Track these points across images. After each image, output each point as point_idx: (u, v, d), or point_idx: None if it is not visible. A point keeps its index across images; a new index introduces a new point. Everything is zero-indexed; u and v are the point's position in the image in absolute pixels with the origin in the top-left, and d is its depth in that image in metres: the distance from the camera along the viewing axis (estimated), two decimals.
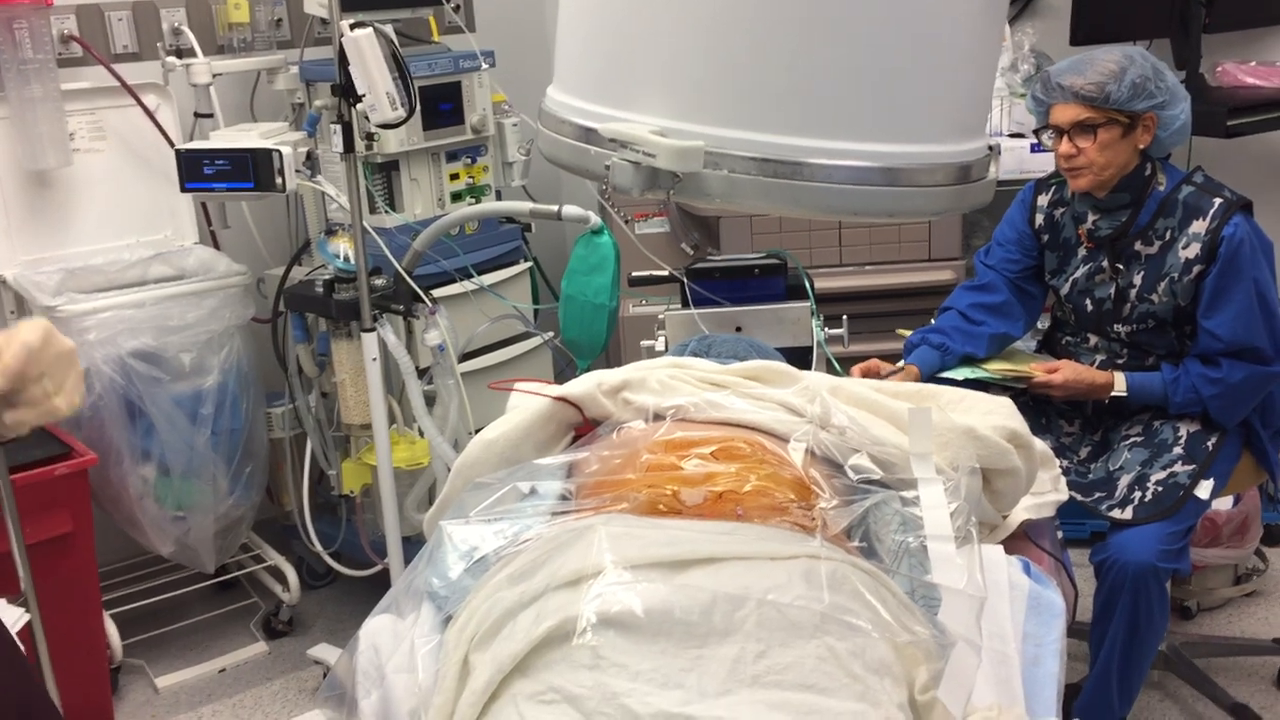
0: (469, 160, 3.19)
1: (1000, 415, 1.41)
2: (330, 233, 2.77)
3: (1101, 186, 2.36)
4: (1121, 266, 2.42)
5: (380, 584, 2.78)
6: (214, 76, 2.91)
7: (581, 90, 0.88)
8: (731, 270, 2.35)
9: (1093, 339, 2.55)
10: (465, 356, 2.95)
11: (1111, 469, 2.40)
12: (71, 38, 2.87)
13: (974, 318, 2.59)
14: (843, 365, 2.35)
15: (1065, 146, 2.32)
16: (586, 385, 1.45)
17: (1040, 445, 1.52)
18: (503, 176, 3.31)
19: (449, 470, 2.71)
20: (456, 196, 3.15)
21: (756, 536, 1.08)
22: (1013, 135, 3.41)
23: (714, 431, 1.31)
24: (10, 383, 1.15)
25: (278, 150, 2.51)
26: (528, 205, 2.63)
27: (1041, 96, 2.38)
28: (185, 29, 3.01)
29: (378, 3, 2.96)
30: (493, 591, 1.05)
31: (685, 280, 2.34)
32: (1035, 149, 3.28)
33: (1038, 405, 2.52)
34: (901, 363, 2.56)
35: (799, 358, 2.14)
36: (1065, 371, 2.46)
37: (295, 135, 2.81)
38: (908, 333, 2.73)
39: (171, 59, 2.91)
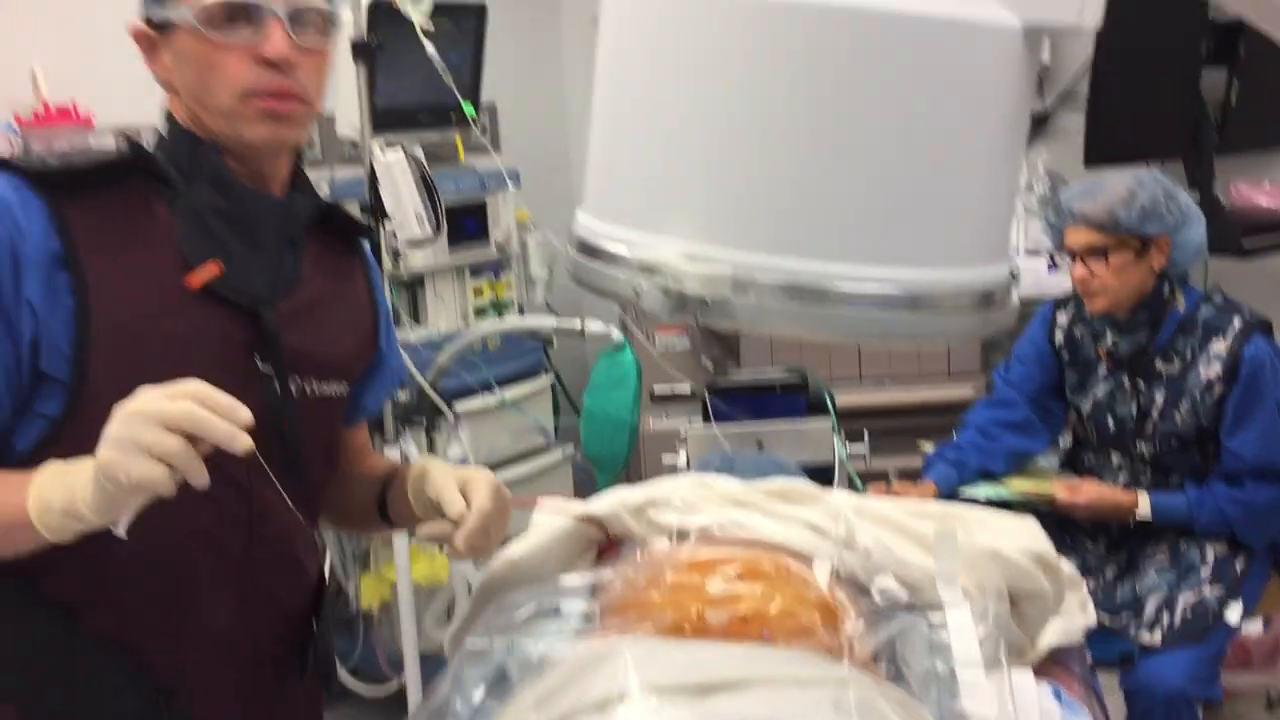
0: (493, 276, 3.24)
1: (1026, 537, 1.39)
2: None
3: (1118, 307, 2.38)
4: (1143, 385, 2.42)
5: (396, 701, 2.74)
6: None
7: (610, 215, 0.89)
8: (753, 387, 2.37)
9: (1116, 458, 2.54)
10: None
11: (1139, 591, 2.37)
12: (120, 135, 2.96)
13: (993, 433, 2.59)
14: (865, 481, 2.34)
15: (1079, 270, 2.35)
16: (610, 503, 1.45)
17: (1067, 567, 1.50)
18: (526, 292, 3.36)
19: (469, 587, 2.70)
20: (480, 311, 3.20)
21: (783, 660, 1.07)
22: (1029, 253, 3.45)
23: (738, 551, 1.31)
24: (470, 554, 1.30)
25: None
26: (551, 321, 2.66)
27: (1054, 221, 2.42)
28: None
29: (407, 125, 3.05)
30: (518, 715, 1.04)
31: (707, 396, 2.35)
32: (1052, 268, 3.31)
33: (1062, 525, 2.50)
34: (920, 469, 2.56)
35: (821, 474, 2.14)
36: (1088, 491, 2.44)
37: None
38: (929, 446, 2.73)
39: None
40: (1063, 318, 2.58)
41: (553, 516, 1.48)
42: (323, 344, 1.34)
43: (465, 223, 3.13)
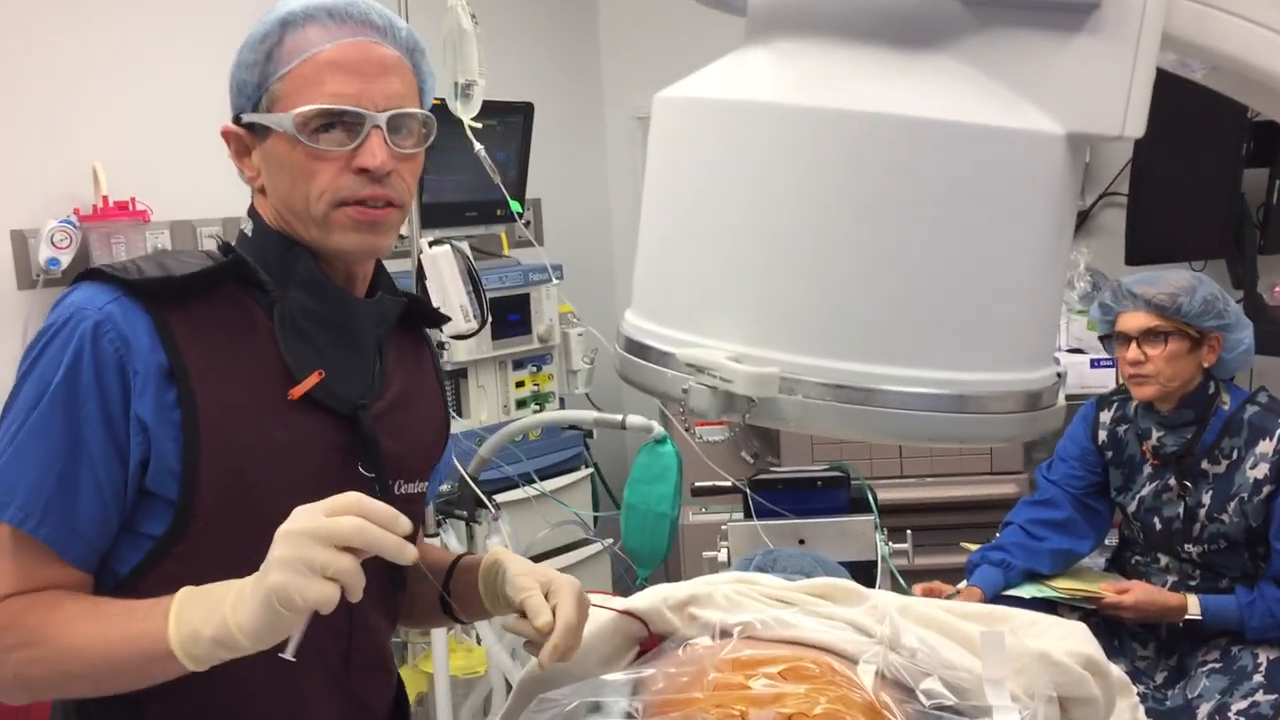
0: (535, 368, 3.27)
1: (1076, 640, 1.37)
2: None
3: (1166, 398, 2.36)
4: (1189, 485, 2.39)
5: None
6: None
7: (659, 316, 0.91)
8: (794, 482, 2.36)
9: (1163, 559, 2.50)
10: None
11: (1190, 696, 2.31)
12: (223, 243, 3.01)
13: (1036, 533, 2.56)
14: (907, 580, 2.31)
15: (1133, 352, 2.34)
16: (652, 600, 1.44)
17: (1117, 672, 1.47)
18: (567, 384, 3.38)
19: (505, 680, 2.68)
20: (521, 403, 3.22)
21: None
22: (1071, 351, 3.44)
23: (781, 650, 1.29)
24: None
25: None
26: (593, 414, 2.67)
27: (1110, 304, 2.42)
28: None
29: (454, 221, 3.11)
30: None
31: (748, 491, 2.35)
32: (1095, 364, 3.30)
33: (1110, 627, 2.46)
34: (963, 584, 2.52)
35: (863, 572, 2.12)
36: (1136, 593, 2.40)
37: None
38: (972, 547, 2.70)
39: None
40: (1105, 416, 2.57)
41: (594, 611, 1.48)
42: (410, 444, 1.35)
43: (508, 315, 3.17)
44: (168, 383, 1.15)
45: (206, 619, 1.04)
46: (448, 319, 1.57)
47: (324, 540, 1.00)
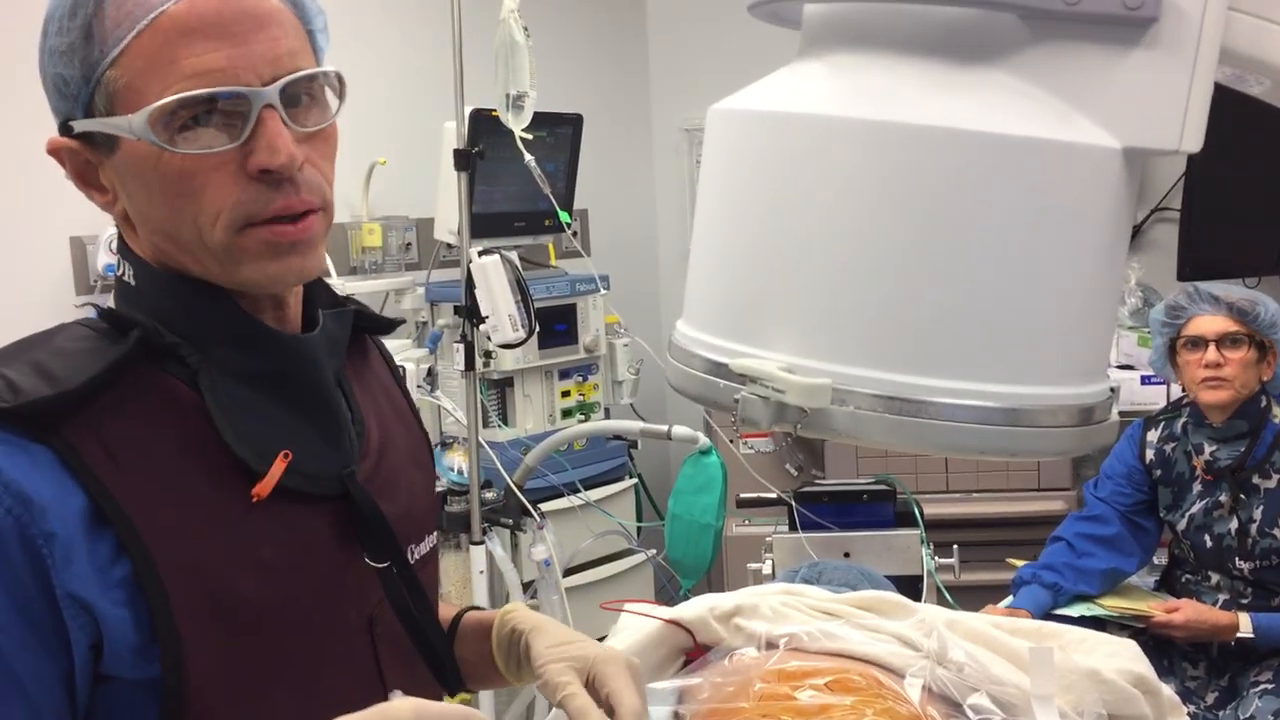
0: (580, 378, 3.28)
1: (1125, 658, 1.36)
2: (445, 445, 2.85)
3: (1234, 404, 2.35)
4: (1242, 498, 2.36)
5: None
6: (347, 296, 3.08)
7: (712, 326, 0.91)
8: (840, 495, 2.35)
9: (1214, 577, 2.47)
10: (568, 571, 2.96)
11: (1242, 717, 2.28)
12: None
13: (1083, 549, 2.54)
14: (954, 595, 2.29)
15: (1213, 354, 2.33)
16: (699, 609, 1.44)
17: (1167, 692, 1.45)
18: (612, 394, 3.40)
19: None
20: (567, 413, 3.24)
21: None
22: (1122, 367, 3.41)
23: (827, 662, 1.29)
24: None
25: (402, 366, 2.62)
26: (638, 425, 2.68)
27: (1185, 304, 2.40)
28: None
29: (502, 231, 3.13)
30: None
31: (793, 503, 2.34)
32: (1145, 381, 3.26)
33: (1160, 646, 2.43)
34: (1007, 600, 2.50)
35: (908, 586, 2.11)
36: (1187, 611, 2.37)
37: (418, 352, 2.94)
38: (1019, 563, 2.67)
39: None
40: (1153, 435, 2.54)
41: (639, 619, 1.48)
42: (408, 493, 1.06)
43: (555, 325, 3.19)
44: (97, 530, 0.83)
45: None
46: (399, 322, 1.24)
47: None
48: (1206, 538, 2.44)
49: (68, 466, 0.83)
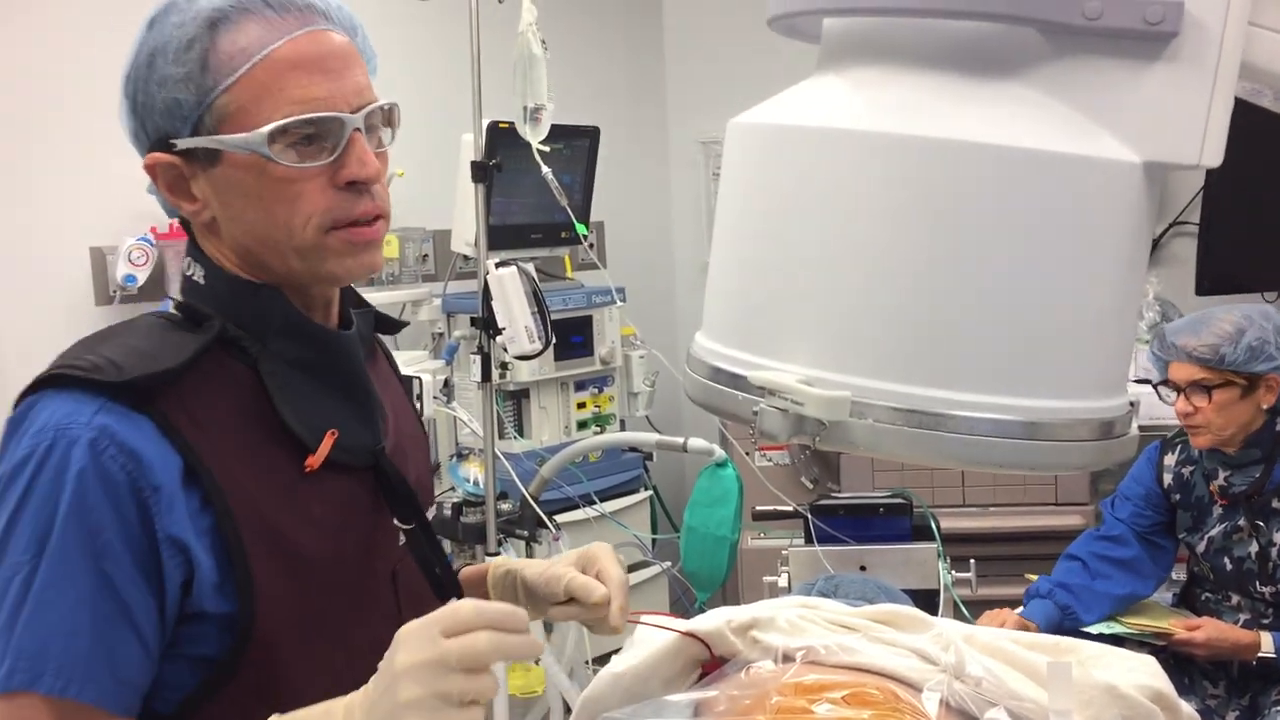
0: (596, 390, 3.29)
1: (1144, 674, 1.35)
2: (461, 456, 2.86)
3: (1225, 444, 2.32)
4: (1261, 524, 2.34)
5: None
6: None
7: (730, 338, 0.92)
8: (856, 508, 2.34)
9: (1235, 597, 2.45)
10: None
11: None
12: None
13: (1099, 570, 2.52)
14: (970, 609, 2.29)
15: (1181, 404, 2.31)
16: (715, 622, 1.44)
17: (1187, 709, 1.44)
18: (628, 406, 3.40)
19: (563, 700, 2.69)
20: (582, 425, 3.24)
21: None
22: (1139, 381, 3.39)
23: (844, 676, 1.29)
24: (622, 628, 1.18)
25: (419, 377, 2.63)
26: (654, 437, 2.69)
27: (1159, 354, 2.39)
28: None
29: (519, 242, 3.14)
30: None
31: (810, 516, 2.34)
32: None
33: (1180, 664, 2.41)
34: (1019, 610, 2.49)
35: (925, 600, 2.10)
36: (1208, 629, 2.36)
37: (434, 363, 2.95)
38: (1035, 578, 2.66)
39: None
40: (1170, 459, 2.52)
41: (655, 632, 1.48)
42: (416, 469, 1.24)
43: (571, 337, 3.20)
44: (190, 487, 1.00)
45: None
46: (405, 323, 1.40)
47: (455, 668, 0.88)
48: (1226, 560, 2.42)
49: (164, 433, 0.99)
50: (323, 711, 0.94)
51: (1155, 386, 2.42)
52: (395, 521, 1.14)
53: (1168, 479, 2.51)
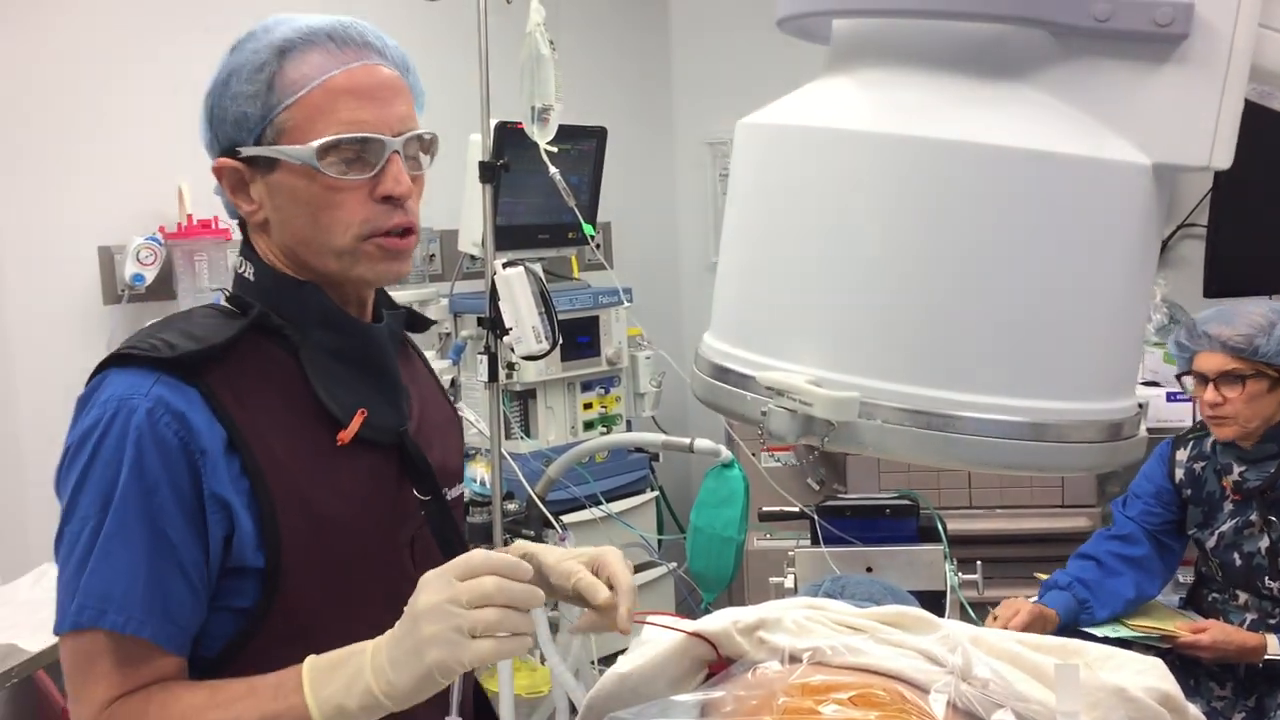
0: (603, 390, 3.29)
1: (1152, 676, 1.35)
2: (468, 456, 2.86)
3: (1247, 437, 2.32)
4: (1273, 519, 2.34)
5: None
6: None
7: (739, 339, 0.92)
8: (863, 509, 2.34)
9: (1242, 596, 2.44)
10: None
11: None
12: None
13: (1114, 568, 2.52)
14: (977, 612, 2.28)
15: (1211, 394, 2.31)
16: (722, 622, 1.44)
17: (1194, 711, 1.44)
18: (634, 407, 3.40)
19: (569, 700, 2.69)
20: (589, 425, 3.24)
21: None
22: (1147, 384, 3.38)
23: (851, 677, 1.29)
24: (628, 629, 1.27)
25: None
26: (661, 437, 2.69)
27: (1186, 343, 2.38)
28: None
29: (526, 243, 3.14)
30: None
31: (816, 517, 2.34)
32: (1171, 398, 3.24)
33: (1186, 666, 2.41)
34: (1034, 598, 2.49)
35: (931, 602, 2.10)
36: (1214, 632, 2.35)
37: (442, 363, 2.95)
38: (1044, 577, 2.66)
39: None
40: (1182, 455, 2.52)
41: (662, 632, 1.48)
42: (442, 452, 1.36)
43: (578, 337, 3.20)
44: (231, 454, 1.14)
45: (349, 691, 1.05)
46: (432, 321, 1.55)
47: (468, 604, 1.03)
48: (1236, 556, 2.42)
49: (210, 404, 1.13)
50: (352, 651, 1.07)
51: (1178, 378, 2.42)
52: (415, 493, 1.27)
53: (1179, 474, 2.51)
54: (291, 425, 1.19)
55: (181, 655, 1.14)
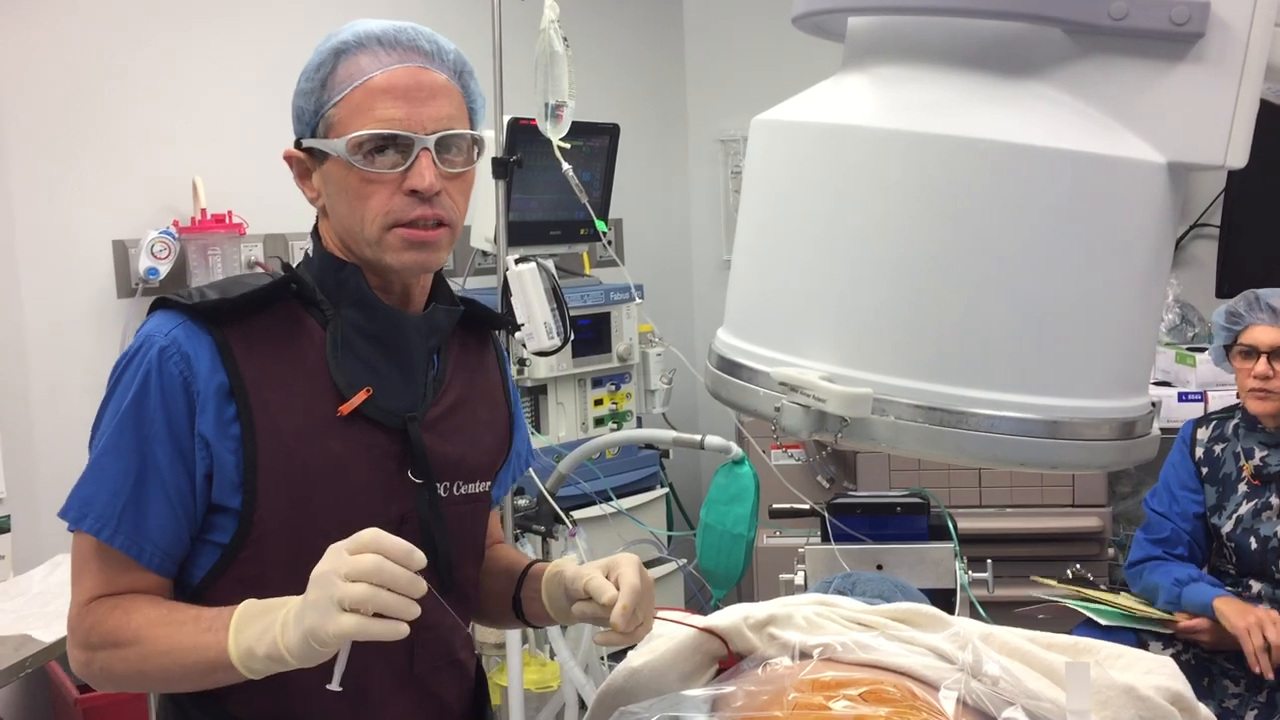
0: (613, 387, 3.29)
1: (1163, 675, 1.35)
2: None
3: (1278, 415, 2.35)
4: None
5: None
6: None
7: (753, 335, 0.92)
8: (873, 507, 2.34)
9: (1256, 586, 2.45)
10: None
11: None
12: (257, 263, 3.11)
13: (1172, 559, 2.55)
14: (987, 610, 2.28)
15: (1262, 366, 2.33)
16: (733, 618, 1.45)
17: (1204, 711, 1.44)
18: (644, 403, 3.40)
19: (578, 695, 2.70)
20: (599, 421, 3.24)
21: None
22: (1158, 384, 3.38)
23: (861, 673, 1.29)
24: (626, 632, 1.31)
25: None
26: (671, 434, 2.69)
27: (1242, 312, 2.40)
28: None
29: (538, 239, 3.15)
30: None
31: (827, 515, 2.34)
32: (1183, 398, 3.24)
33: (1200, 666, 2.41)
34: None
35: (941, 600, 2.10)
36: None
37: None
38: (1048, 581, 2.66)
39: None
40: (1203, 434, 2.55)
41: (673, 627, 1.49)
42: (466, 447, 1.39)
43: (588, 334, 3.20)
44: (228, 400, 1.22)
45: (260, 638, 1.12)
46: (509, 320, 1.64)
47: (341, 577, 1.06)
48: (1252, 540, 2.43)
49: (220, 353, 1.22)
50: (280, 603, 1.13)
51: (1225, 348, 2.44)
52: (410, 474, 1.31)
53: (1199, 452, 2.53)
54: (299, 388, 1.26)
55: (162, 574, 1.24)
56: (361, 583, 1.06)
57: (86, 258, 2.85)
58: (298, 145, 1.31)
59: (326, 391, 1.27)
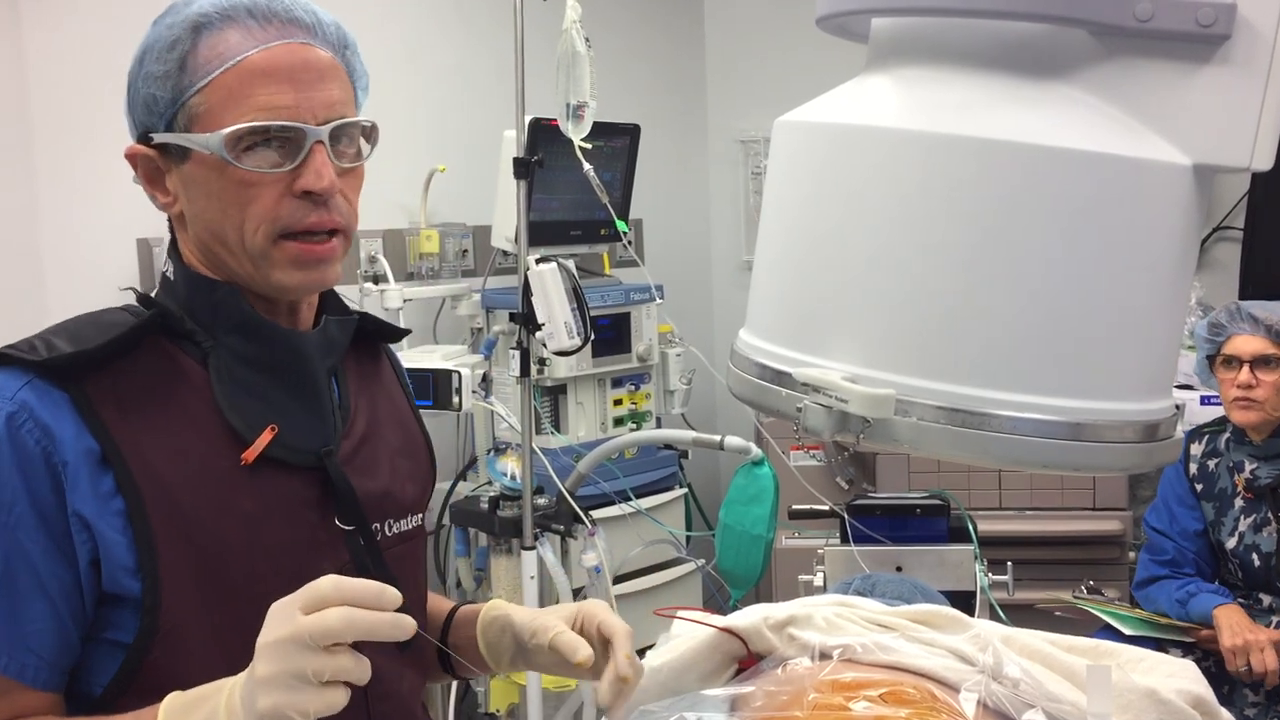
0: (633, 387, 3.30)
1: (1185, 679, 1.34)
2: (499, 451, 2.88)
3: (1264, 427, 2.32)
4: None
5: None
6: (404, 301, 3.10)
7: (775, 335, 0.92)
8: (893, 508, 2.34)
9: (1265, 599, 2.43)
10: (618, 579, 2.97)
11: None
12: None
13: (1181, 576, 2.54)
14: (1007, 613, 2.28)
15: (1245, 375, 2.31)
16: (753, 618, 1.45)
17: (1226, 716, 1.44)
18: (664, 404, 3.40)
19: (595, 694, 2.70)
20: (619, 421, 3.25)
21: None
22: (1181, 387, 3.36)
23: (881, 674, 1.29)
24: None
25: (458, 371, 2.65)
26: (691, 434, 2.69)
27: (1224, 323, 2.39)
28: (381, 257, 3.23)
29: (559, 239, 3.15)
30: None
31: (846, 516, 2.34)
32: (1205, 401, 3.22)
33: (1221, 673, 2.40)
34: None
35: (961, 602, 2.09)
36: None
37: (473, 358, 2.96)
38: (1066, 595, 2.66)
39: (368, 284, 3.13)
40: (1196, 449, 2.53)
41: (693, 627, 1.49)
42: (388, 479, 1.20)
43: (608, 334, 3.21)
44: (102, 469, 1.00)
45: None
46: (405, 331, 1.40)
47: (310, 645, 0.87)
48: (1255, 556, 2.41)
49: (80, 412, 1.00)
50: (215, 688, 0.94)
51: (1208, 359, 2.42)
52: (336, 522, 1.12)
53: (1193, 468, 2.51)
54: (187, 441, 1.05)
55: (49, 690, 1.01)
56: (341, 649, 0.87)
57: (111, 256, 2.87)
58: (144, 140, 1.09)
59: (219, 439, 1.06)
